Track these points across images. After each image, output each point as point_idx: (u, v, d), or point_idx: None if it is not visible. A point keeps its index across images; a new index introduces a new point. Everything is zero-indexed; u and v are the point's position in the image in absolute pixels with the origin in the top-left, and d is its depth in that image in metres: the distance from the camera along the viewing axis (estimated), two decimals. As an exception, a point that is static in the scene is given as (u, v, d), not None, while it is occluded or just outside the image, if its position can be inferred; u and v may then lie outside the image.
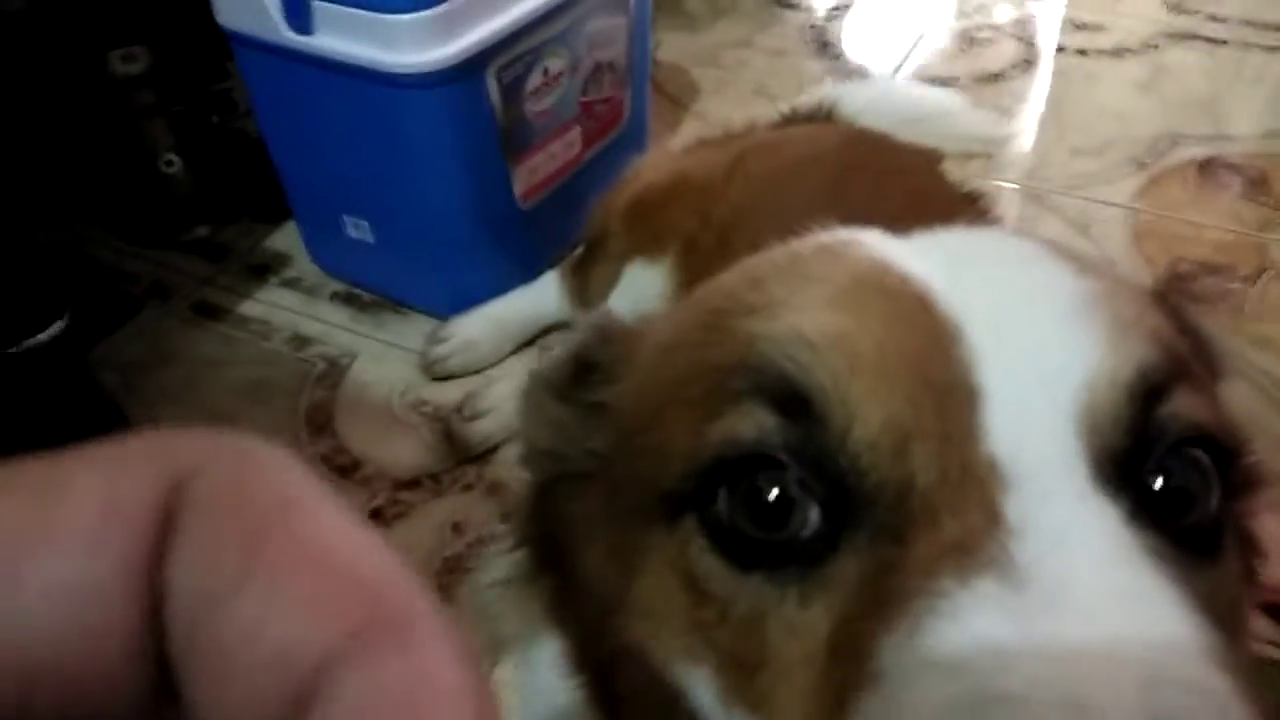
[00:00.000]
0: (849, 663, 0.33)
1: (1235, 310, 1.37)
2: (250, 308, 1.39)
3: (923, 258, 0.40)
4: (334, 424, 1.23)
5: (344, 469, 1.18)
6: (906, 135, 1.17)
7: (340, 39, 1.12)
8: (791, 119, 1.28)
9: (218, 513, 0.14)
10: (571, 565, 0.46)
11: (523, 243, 1.31)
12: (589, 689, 0.47)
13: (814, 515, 0.35)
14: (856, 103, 1.30)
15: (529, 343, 1.32)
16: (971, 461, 0.34)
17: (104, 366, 1.25)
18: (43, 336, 1.08)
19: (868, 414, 0.35)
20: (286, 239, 1.48)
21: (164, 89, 1.37)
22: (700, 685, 0.37)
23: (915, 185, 1.02)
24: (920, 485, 0.34)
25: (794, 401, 0.35)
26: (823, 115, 1.28)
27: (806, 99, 1.35)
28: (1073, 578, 0.30)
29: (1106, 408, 0.35)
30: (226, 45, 1.24)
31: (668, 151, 1.30)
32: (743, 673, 0.36)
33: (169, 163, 1.42)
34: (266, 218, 1.49)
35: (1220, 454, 0.37)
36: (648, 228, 1.07)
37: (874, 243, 0.42)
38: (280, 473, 0.14)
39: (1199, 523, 0.36)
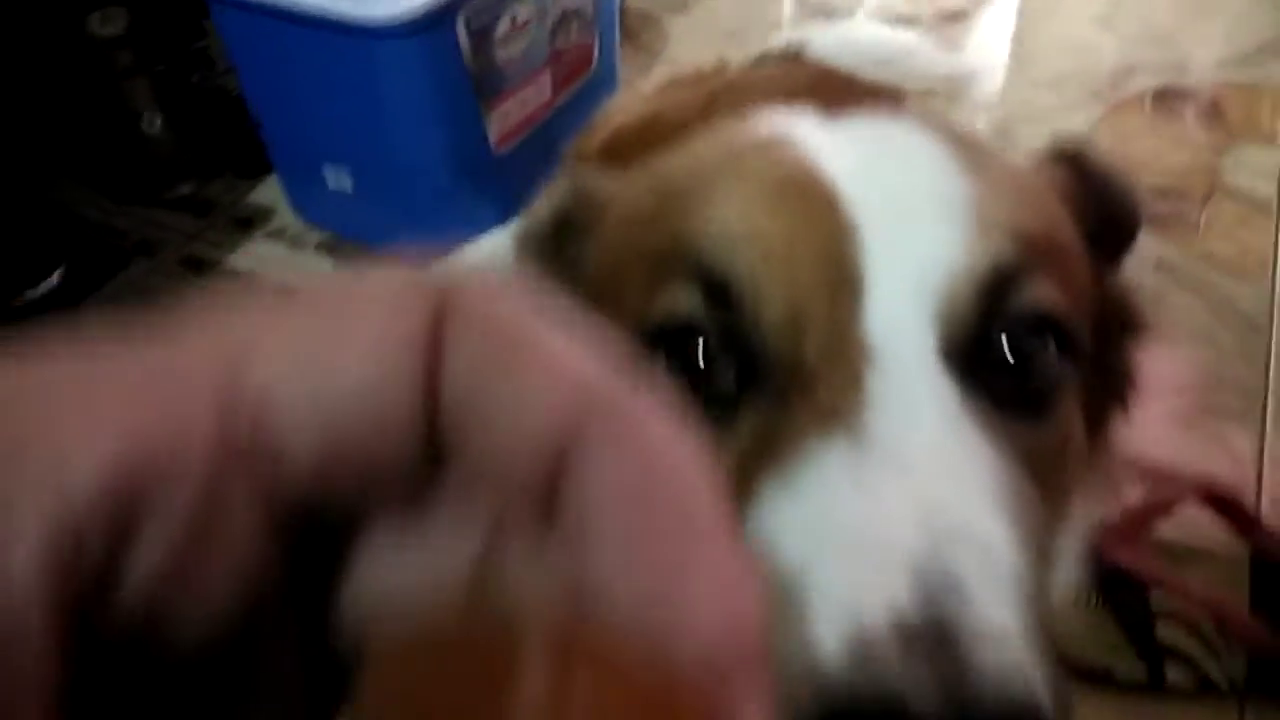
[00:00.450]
0: (744, 487, 0.41)
1: (1189, 231, 1.43)
2: (237, 260, 1.43)
3: (839, 156, 0.46)
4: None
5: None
6: (873, 75, 1.21)
7: (313, -9, 1.15)
8: (762, 60, 1.32)
9: (479, 327, 0.17)
10: None
11: (498, 187, 1.35)
12: None
13: (729, 377, 0.43)
14: (824, 45, 1.34)
15: (508, 283, 1.37)
16: (848, 343, 0.41)
17: (94, 319, 1.29)
18: (39, 290, 1.13)
19: (773, 301, 0.42)
20: (269, 192, 1.51)
21: (143, 49, 1.40)
22: None
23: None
24: (807, 361, 0.42)
25: (718, 286, 0.43)
26: (791, 57, 1.32)
27: (775, 42, 1.38)
28: (905, 442, 0.38)
29: (960, 298, 0.42)
30: (203, 3, 1.27)
31: (639, 93, 1.34)
32: None
33: (151, 122, 1.45)
34: (249, 172, 1.53)
35: (1059, 332, 0.44)
36: (621, 168, 1.11)
37: (802, 138, 0.48)
38: (515, 303, 0.18)
39: (1035, 388, 0.44)
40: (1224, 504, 1.03)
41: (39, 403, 0.15)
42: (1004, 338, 0.43)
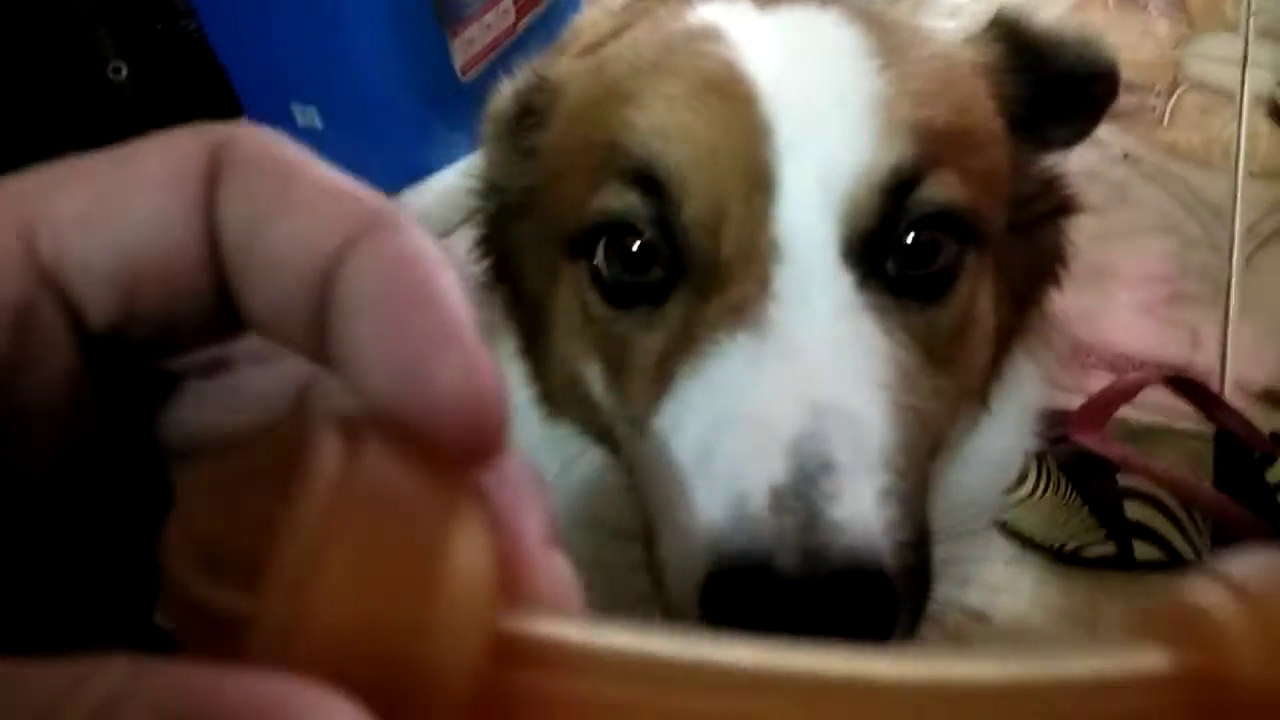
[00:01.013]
0: (664, 374, 0.45)
1: (1153, 123, 1.44)
2: (213, 204, 1.44)
3: (763, 53, 0.48)
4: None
5: (321, 345, 1.25)
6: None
7: (268, -74, 1.15)
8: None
9: (250, 165, 0.19)
10: (518, 278, 0.58)
11: (467, 115, 1.35)
12: (537, 382, 0.58)
13: (658, 270, 0.47)
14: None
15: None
16: (759, 242, 0.44)
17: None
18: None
19: (697, 198, 0.45)
20: (240, 135, 1.52)
21: (101, -4, 1.39)
22: (593, 376, 0.51)
23: None
24: (723, 257, 0.45)
25: (649, 182, 0.46)
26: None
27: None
28: (800, 335, 0.42)
29: (862, 199, 0.45)
30: (157, -56, 1.26)
31: (606, 8, 1.34)
32: (614, 369, 0.49)
33: (116, 70, 1.44)
34: (217, 115, 1.53)
35: (959, 223, 0.47)
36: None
37: (731, 32, 0.50)
38: (282, 142, 0.20)
39: (932, 275, 0.47)
40: (1187, 386, 1.07)
41: None
42: (904, 232, 0.47)
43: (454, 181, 1.36)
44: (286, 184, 0.19)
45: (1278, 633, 0.16)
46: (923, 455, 0.45)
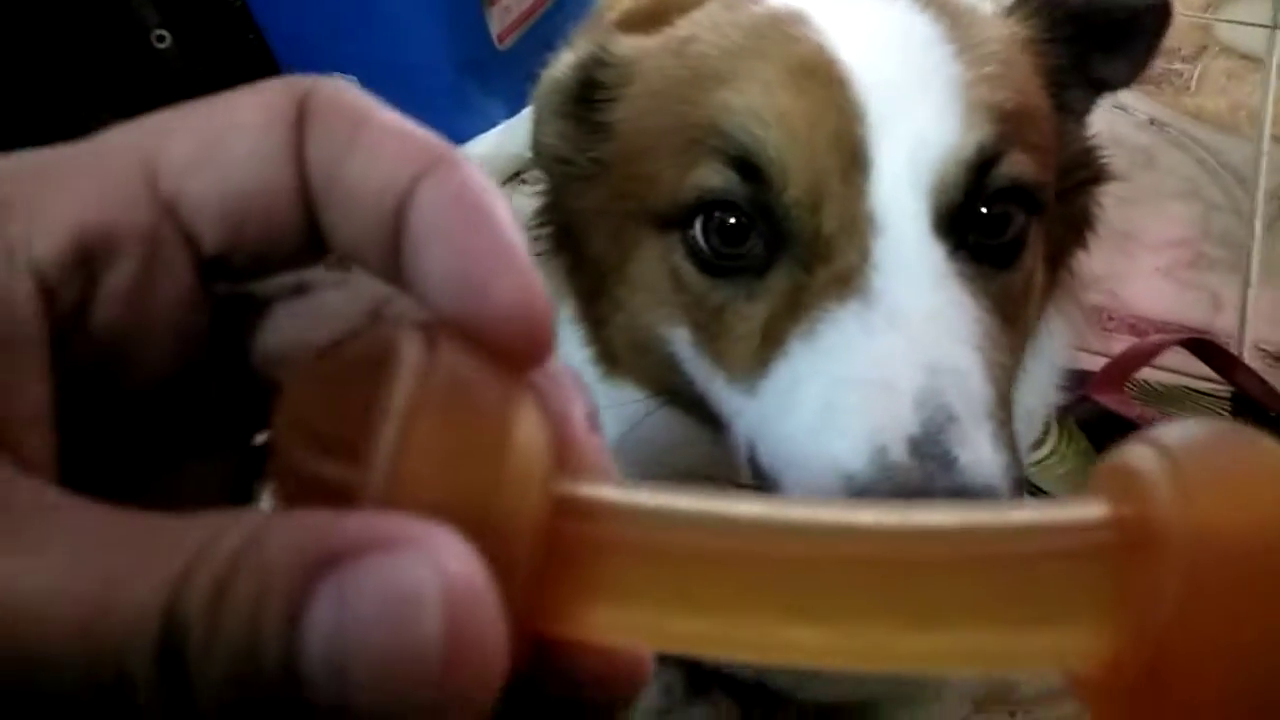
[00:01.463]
0: (773, 340, 0.49)
1: (1180, 89, 1.46)
2: (256, 170, 1.48)
3: (848, 39, 0.52)
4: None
5: (363, 307, 1.29)
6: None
7: (311, -102, 1.18)
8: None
9: (330, 111, 0.22)
10: (581, 245, 0.61)
11: (505, 82, 1.39)
12: (594, 344, 0.62)
13: (759, 244, 0.51)
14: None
15: (516, 175, 1.41)
16: (858, 216, 0.48)
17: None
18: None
19: (797, 179, 0.49)
20: (281, 102, 1.55)
21: (145, -36, 1.42)
22: (679, 340, 0.55)
23: None
24: (825, 232, 0.49)
25: (749, 165, 0.50)
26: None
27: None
28: (904, 302, 0.47)
29: (949, 176, 0.49)
30: (201, -86, 1.29)
31: (647, -28, 1.36)
32: (709, 335, 0.53)
33: (160, 38, 1.48)
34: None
35: (1029, 197, 0.52)
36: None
37: (815, 17, 0.53)
38: (358, 93, 0.23)
39: (1005, 244, 0.52)
40: (1205, 348, 1.10)
41: (13, 184, 0.21)
42: (984, 206, 0.51)
43: (491, 146, 1.40)
44: (362, 127, 0.22)
45: (1188, 481, 0.18)
46: (1007, 404, 0.50)
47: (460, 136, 1.40)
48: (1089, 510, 0.19)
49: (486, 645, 0.17)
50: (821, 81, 0.50)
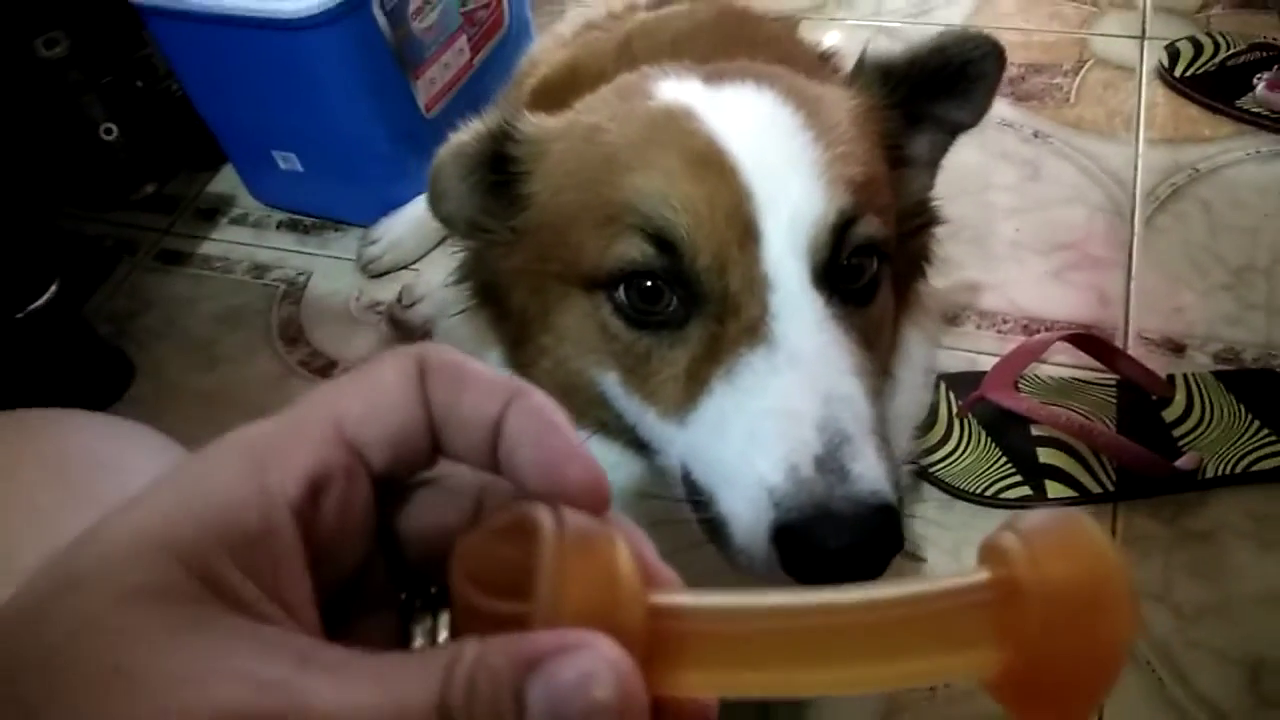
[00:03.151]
0: (696, 380, 0.60)
1: (1061, 101, 1.57)
2: (209, 248, 1.57)
3: (730, 130, 0.62)
4: (305, 334, 1.42)
5: (322, 369, 1.37)
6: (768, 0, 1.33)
7: (237, -3, 1.27)
8: (666, -3, 1.42)
9: (440, 369, 0.32)
10: (503, 300, 0.71)
11: (433, 148, 1.47)
12: None
13: (675, 303, 0.61)
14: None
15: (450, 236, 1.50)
16: (756, 277, 0.60)
17: (97, 319, 1.43)
18: (41, 301, 1.26)
19: (705, 250, 0.60)
20: (227, 181, 1.64)
21: (89, 65, 1.50)
22: (608, 382, 0.65)
23: (780, 52, 1.19)
24: (731, 291, 0.60)
25: (663, 240, 0.60)
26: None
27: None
28: (800, 342, 0.58)
29: (820, 238, 0.60)
30: (137, 16, 1.38)
31: (559, 37, 1.45)
32: (637, 377, 0.63)
33: (108, 130, 1.56)
34: (204, 165, 1.65)
35: (878, 248, 0.63)
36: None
37: (699, 110, 0.63)
38: (456, 351, 0.33)
39: (863, 286, 0.63)
40: (1089, 341, 1.20)
41: (265, 449, 0.31)
42: (846, 260, 0.62)
43: (425, 210, 1.48)
44: (463, 375, 0.32)
45: (1036, 553, 0.29)
46: (883, 419, 0.60)
47: (399, 199, 1.49)
48: (977, 577, 0.30)
49: (638, 697, 0.27)
50: (716, 169, 0.61)
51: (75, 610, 0.26)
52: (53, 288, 1.26)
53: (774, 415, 0.56)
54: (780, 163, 0.61)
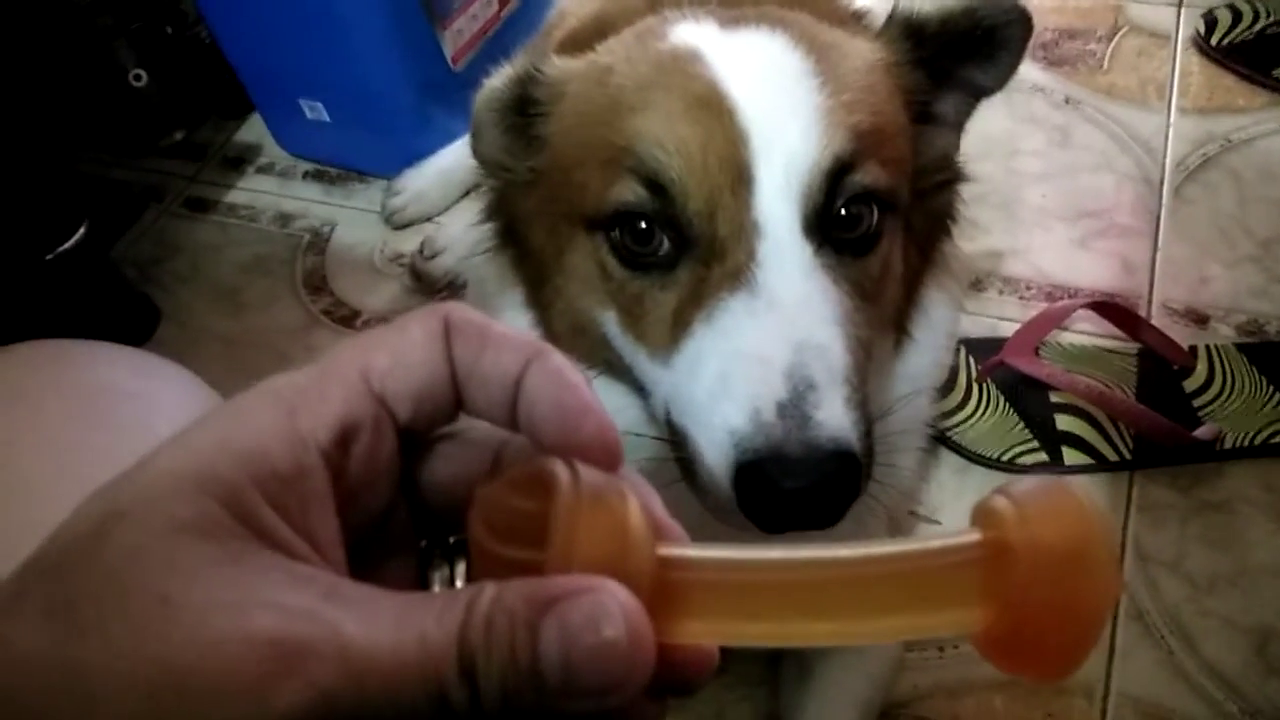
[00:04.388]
0: (681, 322, 0.61)
1: (1093, 68, 1.55)
2: (235, 196, 1.58)
3: (734, 75, 0.62)
4: (329, 284, 1.43)
5: (345, 319, 1.38)
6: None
7: (268, -57, 1.27)
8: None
9: (464, 327, 0.33)
10: (524, 240, 0.72)
11: (460, 100, 1.47)
12: (540, 326, 0.73)
13: (666, 244, 0.62)
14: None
15: (474, 187, 1.50)
16: (745, 223, 0.60)
17: (123, 264, 1.45)
18: (70, 243, 1.28)
19: (695, 195, 0.60)
20: (254, 130, 1.65)
21: (120, 10, 1.51)
22: (608, 321, 0.66)
23: (813, 3, 1.18)
24: (719, 236, 0.60)
25: (656, 182, 0.61)
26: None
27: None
28: (781, 290, 0.58)
29: (814, 184, 0.60)
30: (168, -38, 1.38)
31: (588, -9, 1.44)
32: (631, 317, 0.64)
33: (137, 77, 1.57)
34: (232, 114, 1.66)
35: (879, 199, 0.63)
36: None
37: (708, 55, 0.63)
38: (482, 313, 0.34)
39: (861, 235, 0.63)
40: (1111, 310, 1.20)
41: (296, 395, 0.32)
42: (842, 207, 0.62)
43: (451, 161, 1.49)
44: (486, 334, 0.34)
45: (1025, 515, 0.30)
46: (864, 369, 0.61)
47: (424, 151, 1.49)
48: (969, 537, 0.31)
49: (646, 638, 0.28)
50: (714, 113, 0.61)
51: (127, 540, 0.28)
52: (81, 231, 1.28)
53: (744, 359, 0.56)
54: (780, 107, 0.61)
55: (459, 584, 0.34)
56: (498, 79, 0.71)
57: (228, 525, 0.29)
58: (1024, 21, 0.70)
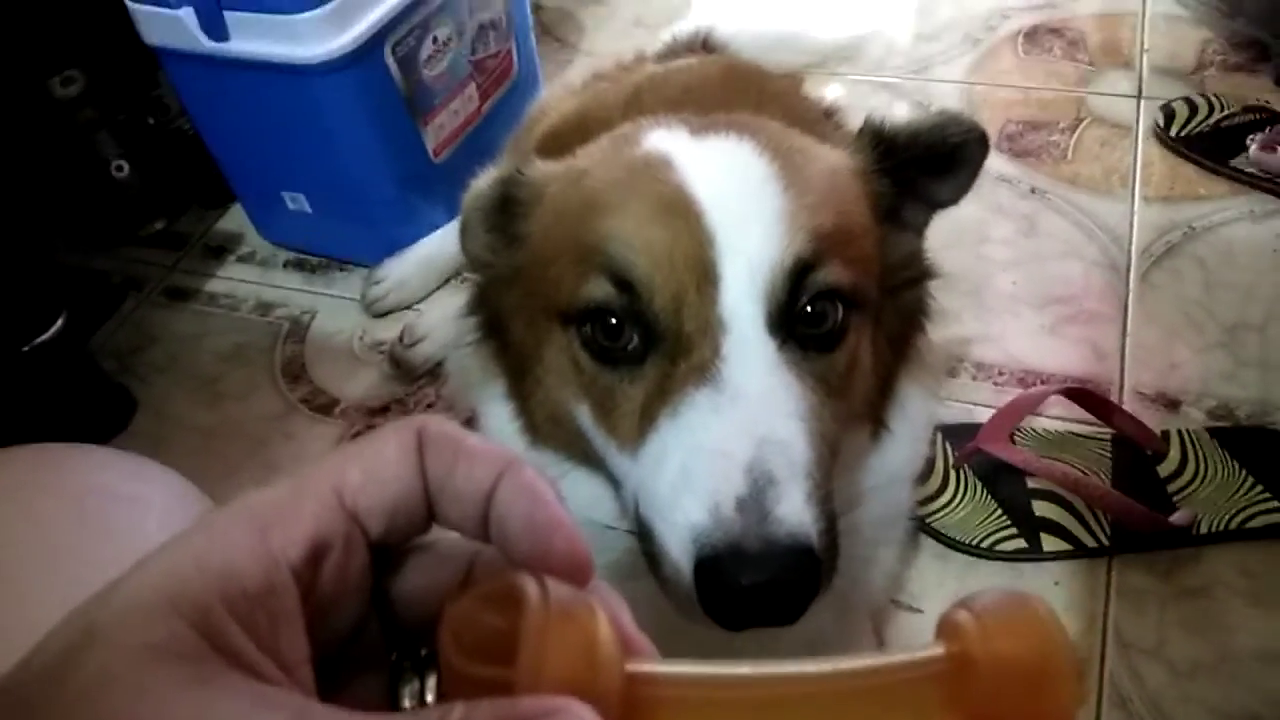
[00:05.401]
0: (648, 416, 0.62)
1: (1058, 158, 1.60)
2: (215, 285, 1.58)
3: (702, 179, 0.64)
4: (307, 372, 1.43)
5: (324, 407, 1.38)
6: (773, 56, 1.37)
7: (253, 41, 1.29)
8: (674, 48, 1.45)
9: (438, 441, 0.34)
10: (506, 333, 0.74)
11: (440, 192, 1.50)
12: (521, 417, 0.74)
13: (635, 340, 0.63)
14: (727, 32, 1.49)
15: (457, 274, 1.52)
16: (710, 319, 0.61)
17: (101, 355, 1.44)
18: (48, 334, 1.28)
19: (662, 291, 0.62)
20: (235, 220, 1.66)
21: (103, 103, 1.53)
22: (582, 414, 0.67)
23: (785, 106, 1.21)
24: (685, 331, 0.62)
25: (625, 280, 0.62)
26: (699, 43, 1.45)
27: (683, 28, 1.52)
28: (744, 386, 0.59)
29: (776, 282, 0.62)
30: (153, 56, 1.41)
31: (568, 86, 1.47)
32: (602, 410, 0.65)
33: (119, 168, 1.59)
34: (213, 203, 1.68)
35: (843, 296, 0.65)
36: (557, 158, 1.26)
37: (678, 160, 0.66)
38: (457, 426, 0.35)
39: (827, 332, 0.64)
40: (1084, 395, 1.21)
41: (270, 512, 0.32)
42: (807, 305, 0.63)
43: (432, 249, 1.51)
44: (460, 447, 0.34)
45: (987, 629, 0.31)
46: (828, 463, 0.62)
47: (405, 241, 1.51)
48: (933, 651, 0.31)
49: None
50: (681, 215, 0.63)
51: (96, 665, 0.28)
52: (59, 322, 1.28)
53: (706, 454, 0.57)
54: (744, 210, 0.63)
55: (430, 698, 0.34)
56: (483, 180, 0.74)
57: (197, 647, 0.29)
58: (983, 140, 0.74)
